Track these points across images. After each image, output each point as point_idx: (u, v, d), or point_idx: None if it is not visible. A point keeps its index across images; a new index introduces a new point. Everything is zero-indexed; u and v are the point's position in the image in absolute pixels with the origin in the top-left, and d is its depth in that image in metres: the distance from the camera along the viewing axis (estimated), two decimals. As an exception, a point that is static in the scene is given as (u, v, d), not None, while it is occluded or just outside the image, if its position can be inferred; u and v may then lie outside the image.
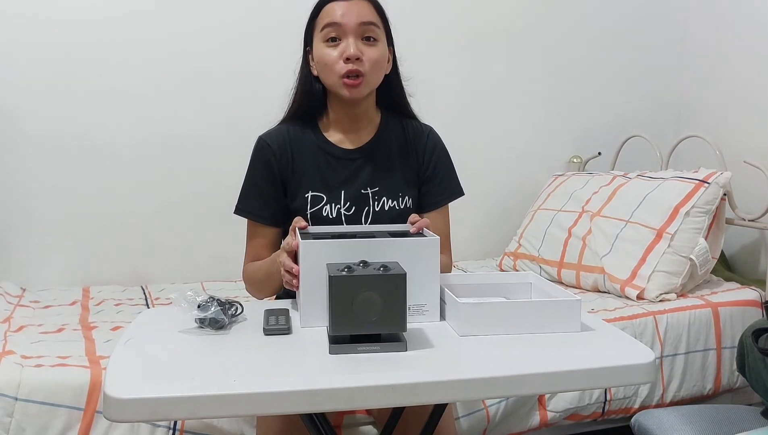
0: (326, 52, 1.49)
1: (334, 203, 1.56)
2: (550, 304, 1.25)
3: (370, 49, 1.50)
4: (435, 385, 1.05)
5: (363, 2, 1.52)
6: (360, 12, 1.49)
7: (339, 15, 1.48)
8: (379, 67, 1.53)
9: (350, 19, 1.48)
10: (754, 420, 1.58)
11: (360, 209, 1.56)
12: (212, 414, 1.02)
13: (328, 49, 1.49)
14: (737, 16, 2.82)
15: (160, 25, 2.53)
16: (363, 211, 1.56)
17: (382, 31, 1.53)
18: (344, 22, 1.48)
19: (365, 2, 1.52)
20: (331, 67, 1.49)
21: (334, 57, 1.48)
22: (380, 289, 1.11)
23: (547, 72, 2.99)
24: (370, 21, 1.50)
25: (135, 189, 2.56)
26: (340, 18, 1.48)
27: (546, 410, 1.96)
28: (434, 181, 1.63)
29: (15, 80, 2.41)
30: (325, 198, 1.55)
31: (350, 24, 1.48)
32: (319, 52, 1.51)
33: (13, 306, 2.15)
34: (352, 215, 1.56)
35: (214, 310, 1.24)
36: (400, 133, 1.64)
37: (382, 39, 1.53)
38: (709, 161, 2.55)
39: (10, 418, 1.53)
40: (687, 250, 2.28)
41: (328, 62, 1.49)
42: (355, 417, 1.74)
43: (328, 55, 1.49)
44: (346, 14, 1.48)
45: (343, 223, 1.55)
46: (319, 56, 1.51)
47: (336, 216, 1.55)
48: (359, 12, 1.49)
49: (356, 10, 1.49)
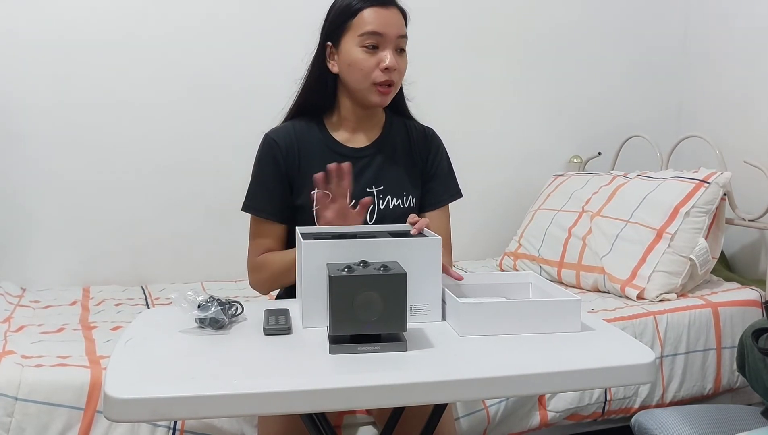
0: (363, 58, 1.51)
1: None
2: (550, 304, 1.25)
3: (401, 60, 1.55)
4: (435, 385, 1.05)
5: (396, 10, 1.55)
6: (398, 23, 1.54)
7: (381, 25, 1.51)
8: (404, 76, 1.59)
9: (391, 31, 1.51)
10: (754, 420, 1.58)
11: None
12: (212, 414, 1.02)
13: (366, 54, 1.51)
14: (737, 16, 2.82)
15: (160, 25, 2.53)
16: (368, 209, 1.57)
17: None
18: (386, 33, 1.51)
19: (398, 10, 1.56)
20: (367, 74, 1.52)
21: (371, 64, 1.51)
22: (380, 289, 1.11)
23: (547, 72, 2.99)
24: (404, 34, 1.55)
25: (135, 189, 2.56)
26: (383, 28, 1.51)
27: (546, 410, 1.96)
28: (435, 181, 1.65)
29: (15, 80, 2.41)
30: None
31: (391, 36, 1.51)
32: (353, 56, 1.53)
33: (13, 306, 2.15)
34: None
35: (214, 310, 1.24)
36: (404, 134, 1.66)
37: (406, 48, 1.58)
38: (709, 161, 2.55)
39: (10, 418, 1.53)
40: (687, 250, 2.28)
41: (364, 68, 1.52)
42: (355, 417, 1.74)
43: (366, 61, 1.51)
44: (388, 25, 1.51)
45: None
46: (354, 60, 1.53)
47: None
48: (398, 23, 1.53)
49: (395, 20, 1.53)
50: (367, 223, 1.58)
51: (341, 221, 1.43)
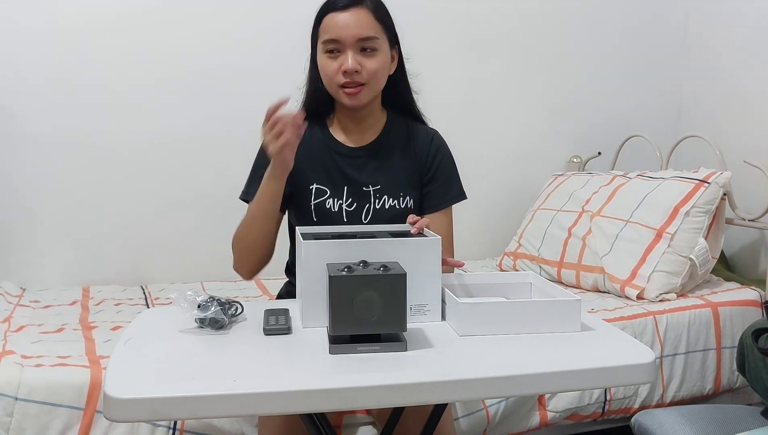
0: (326, 63, 1.53)
1: (336, 198, 1.59)
2: (550, 304, 1.25)
3: (369, 60, 1.52)
4: (435, 385, 1.05)
5: (362, 10, 1.52)
6: (359, 23, 1.50)
7: (337, 29, 1.50)
8: (380, 75, 1.55)
9: (348, 33, 1.50)
10: (754, 420, 1.58)
11: (361, 206, 1.59)
12: (212, 414, 1.02)
13: (329, 60, 1.53)
14: (737, 16, 2.82)
15: (160, 25, 2.53)
16: (364, 208, 1.59)
17: (382, 39, 1.55)
18: (342, 36, 1.50)
19: (364, 10, 1.52)
20: (332, 78, 1.53)
21: (333, 69, 1.52)
22: (380, 289, 1.11)
23: (547, 72, 2.99)
24: (368, 36, 1.51)
25: (135, 189, 2.56)
26: (338, 33, 1.50)
27: (546, 410, 1.96)
28: (437, 183, 1.66)
29: (16, 81, 2.41)
30: (328, 191, 1.59)
31: (348, 40, 1.50)
32: (320, 62, 1.56)
33: (13, 306, 2.15)
34: (353, 211, 1.59)
35: (214, 310, 1.24)
36: (404, 135, 1.67)
37: (382, 47, 1.55)
38: (709, 161, 2.55)
39: (10, 418, 1.53)
40: (687, 250, 2.28)
41: (327, 73, 1.54)
42: (355, 417, 1.74)
43: (328, 66, 1.53)
44: (344, 27, 1.50)
45: (344, 217, 1.58)
46: (321, 65, 1.56)
47: (338, 210, 1.58)
48: (358, 23, 1.50)
49: (354, 22, 1.50)
50: (362, 223, 1.59)
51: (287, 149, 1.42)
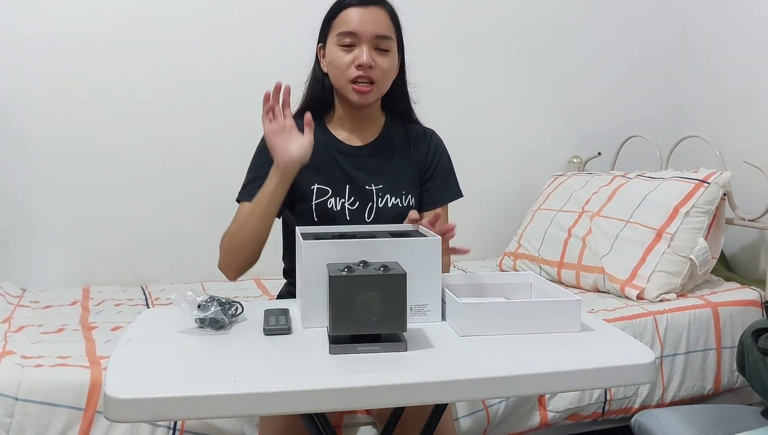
0: (339, 56, 1.53)
1: (338, 197, 1.58)
2: (550, 304, 1.25)
3: (382, 59, 1.53)
4: (435, 385, 1.05)
5: (380, 10, 1.54)
6: (377, 21, 1.52)
7: (356, 23, 1.51)
8: (389, 76, 1.57)
9: (368, 29, 1.51)
10: (754, 420, 1.58)
11: (363, 205, 1.59)
12: (212, 414, 1.02)
13: (342, 52, 1.52)
14: (737, 16, 2.82)
15: (161, 25, 2.53)
16: (366, 206, 1.59)
17: (395, 42, 1.56)
18: (362, 31, 1.51)
19: (382, 10, 1.54)
20: (343, 71, 1.53)
21: (346, 62, 1.52)
22: (380, 289, 1.11)
23: (547, 72, 2.99)
24: (385, 35, 1.53)
25: (135, 189, 2.56)
26: (357, 27, 1.50)
27: (546, 410, 1.96)
28: (435, 181, 1.66)
29: (16, 81, 2.41)
30: (330, 191, 1.58)
31: (366, 34, 1.51)
32: (332, 54, 1.54)
33: (13, 306, 2.15)
34: (355, 210, 1.59)
35: (214, 310, 1.24)
36: (403, 135, 1.67)
37: (394, 50, 1.56)
38: (709, 161, 2.55)
39: (10, 418, 1.53)
40: (687, 250, 2.28)
41: (340, 66, 1.53)
42: (355, 417, 1.74)
43: (341, 59, 1.52)
44: (363, 23, 1.50)
45: (347, 216, 1.58)
46: (332, 58, 1.54)
47: (340, 209, 1.58)
48: (376, 21, 1.52)
49: (373, 18, 1.52)
50: (365, 221, 1.59)
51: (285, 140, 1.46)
